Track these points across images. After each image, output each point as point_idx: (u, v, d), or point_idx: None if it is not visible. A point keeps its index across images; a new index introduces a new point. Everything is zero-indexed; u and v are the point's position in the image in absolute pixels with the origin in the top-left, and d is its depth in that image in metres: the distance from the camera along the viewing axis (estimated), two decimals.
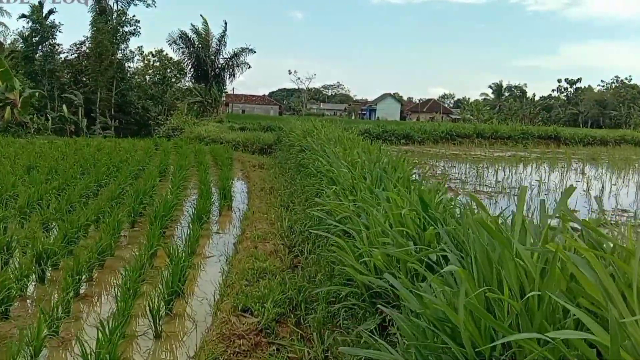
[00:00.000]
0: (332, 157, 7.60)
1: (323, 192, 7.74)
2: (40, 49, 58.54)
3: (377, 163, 6.10)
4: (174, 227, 10.94)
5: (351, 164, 7.23)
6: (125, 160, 17.59)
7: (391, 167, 5.89)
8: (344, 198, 5.36)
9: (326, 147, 9.54)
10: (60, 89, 58.63)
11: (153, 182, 13.62)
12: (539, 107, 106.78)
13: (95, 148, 21.43)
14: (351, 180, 5.67)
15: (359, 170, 6.35)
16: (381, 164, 6.31)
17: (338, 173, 6.60)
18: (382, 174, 5.56)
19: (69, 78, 60.54)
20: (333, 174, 6.94)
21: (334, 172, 6.97)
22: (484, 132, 30.71)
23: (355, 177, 5.78)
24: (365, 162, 6.69)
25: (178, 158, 19.71)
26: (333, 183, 6.66)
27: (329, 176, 7.24)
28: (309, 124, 15.50)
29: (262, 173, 17.24)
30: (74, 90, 56.43)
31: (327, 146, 9.52)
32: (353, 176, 5.89)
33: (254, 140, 25.12)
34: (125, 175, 14.55)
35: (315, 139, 12.04)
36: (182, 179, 14.28)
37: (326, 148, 9.50)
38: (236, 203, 13.45)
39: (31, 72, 57.02)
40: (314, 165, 9.54)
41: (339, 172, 6.60)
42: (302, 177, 12.19)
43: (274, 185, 14.11)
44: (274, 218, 10.03)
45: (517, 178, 15.97)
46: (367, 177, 5.72)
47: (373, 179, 5.62)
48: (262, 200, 12.20)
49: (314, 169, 9.35)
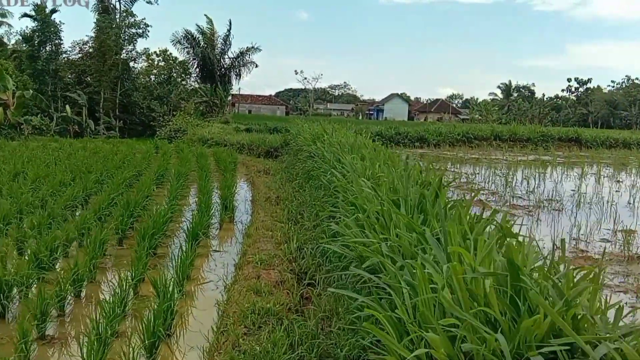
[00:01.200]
0: (350, 171, 6.34)
1: (338, 211, 6.49)
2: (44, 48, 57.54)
3: (409, 181, 4.84)
4: (168, 245, 9.72)
5: (374, 180, 5.99)
6: (120, 166, 16.40)
7: (431, 190, 4.60)
8: (371, 231, 4.14)
9: (341, 156, 8.31)
10: (63, 89, 57.67)
11: (148, 191, 12.42)
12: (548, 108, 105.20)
13: (91, 151, 20.28)
14: (380, 208, 4.40)
15: (385, 191, 5.08)
16: (415, 183, 5.02)
17: (358, 193, 5.35)
18: (422, 200, 4.32)
19: (72, 78, 59.49)
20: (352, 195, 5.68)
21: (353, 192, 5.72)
22: (502, 134, 29.23)
23: (383, 200, 4.52)
24: (394, 181, 5.41)
25: (178, 163, 18.52)
26: (353, 207, 5.41)
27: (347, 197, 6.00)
28: (317, 127, 14.25)
29: (267, 179, 16.01)
30: (78, 90, 55.45)
31: (342, 155, 8.28)
32: (381, 200, 4.62)
33: (259, 142, 23.84)
34: (118, 182, 13.35)
35: (326, 145, 10.81)
36: (180, 187, 13.08)
37: (341, 157, 8.26)
38: (239, 214, 12.23)
39: (34, 71, 56.05)
40: (326, 178, 8.30)
41: (359, 192, 5.35)
42: (311, 187, 10.95)
43: (280, 195, 12.87)
44: (280, 237, 8.79)
45: (549, 187, 14.62)
46: (402, 204, 4.46)
47: (409, 206, 4.36)
48: (267, 213, 10.96)
49: (326, 182, 8.11)
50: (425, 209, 4.19)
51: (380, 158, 6.75)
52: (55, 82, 57.04)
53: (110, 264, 8.64)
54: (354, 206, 5.34)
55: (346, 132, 13.66)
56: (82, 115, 51.88)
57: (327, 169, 8.79)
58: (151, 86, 63.26)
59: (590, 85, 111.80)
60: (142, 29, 58.21)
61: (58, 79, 57.49)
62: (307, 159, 12.97)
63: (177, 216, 11.89)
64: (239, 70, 63.00)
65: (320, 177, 8.79)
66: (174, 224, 11.16)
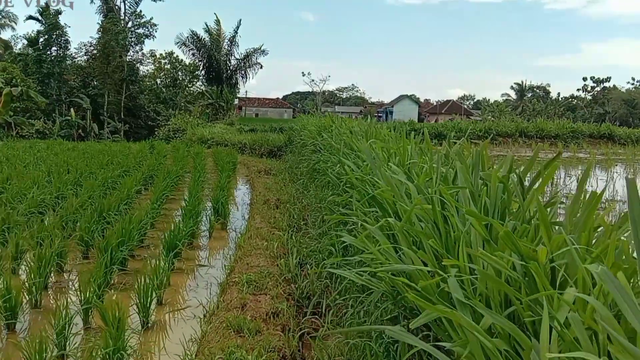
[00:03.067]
0: (368, 160, 4.59)
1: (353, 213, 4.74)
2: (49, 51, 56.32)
3: (477, 169, 2.99)
4: (146, 258, 8.02)
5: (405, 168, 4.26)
6: (106, 165, 14.73)
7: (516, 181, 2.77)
8: (413, 249, 2.44)
9: (353, 144, 6.57)
10: (69, 92, 56.42)
11: (129, 193, 10.72)
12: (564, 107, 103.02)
13: (80, 152, 18.66)
14: (433, 209, 2.58)
15: (435, 182, 3.27)
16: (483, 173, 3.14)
17: (387, 186, 3.54)
18: (504, 198, 2.54)
19: (78, 81, 58.20)
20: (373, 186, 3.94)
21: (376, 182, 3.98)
22: (528, 130, 27.32)
23: (436, 195, 2.72)
24: (439, 169, 3.59)
25: (173, 162, 16.84)
26: (376, 207, 3.67)
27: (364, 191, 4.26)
28: (325, 120, 12.53)
29: (268, 180, 14.29)
30: (82, 94, 54.17)
31: (354, 143, 6.54)
32: (430, 195, 2.80)
33: (261, 142, 22.13)
34: (98, 183, 11.69)
35: (334, 135, 9.07)
36: (169, 189, 11.38)
37: (353, 144, 6.53)
38: (234, 220, 10.52)
39: (40, 75, 54.83)
40: (334, 171, 6.56)
41: (388, 184, 3.54)
42: (317, 187, 9.22)
43: (281, 197, 11.14)
44: (277, 249, 7.04)
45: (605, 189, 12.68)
46: (465, 202, 2.69)
47: (481, 207, 2.57)
48: (265, 218, 9.22)
49: (334, 177, 6.36)
50: (518, 213, 2.45)
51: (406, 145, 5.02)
52: (60, 86, 55.86)
53: (66, 283, 6.95)
54: (378, 206, 3.62)
55: (357, 122, 11.95)
56: (87, 119, 50.61)
57: (335, 161, 7.06)
58: (157, 89, 61.96)
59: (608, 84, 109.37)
60: (149, 30, 56.98)
61: (63, 82, 56.29)
62: (311, 154, 11.25)
63: (161, 222, 10.21)
64: (245, 72, 61.71)
65: (327, 172, 7.07)
66: (157, 232, 9.47)
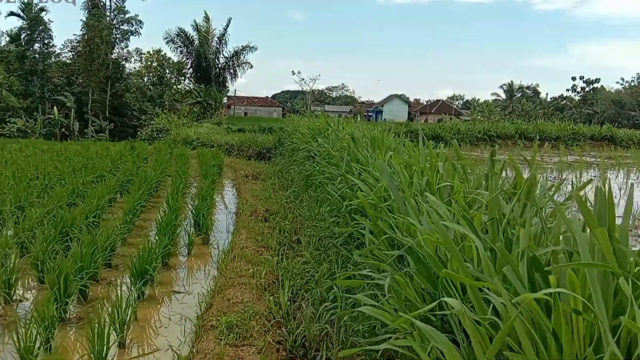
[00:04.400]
0: (388, 183, 3.43)
1: (367, 262, 3.62)
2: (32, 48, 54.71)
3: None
4: (109, 283, 6.86)
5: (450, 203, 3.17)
6: (79, 170, 13.49)
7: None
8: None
9: (359, 155, 5.41)
10: (52, 90, 54.82)
11: (98, 203, 9.51)
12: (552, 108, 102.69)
13: (55, 153, 17.37)
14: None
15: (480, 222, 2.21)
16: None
17: (429, 233, 2.36)
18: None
19: (62, 79, 56.60)
20: (405, 231, 2.81)
21: (408, 222, 2.86)
22: (528, 132, 26.37)
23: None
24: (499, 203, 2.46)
25: (153, 166, 15.62)
26: (422, 267, 2.48)
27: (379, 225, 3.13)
28: (319, 121, 11.34)
29: (256, 186, 13.12)
30: (66, 92, 52.58)
31: (359, 151, 5.38)
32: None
33: (250, 143, 20.90)
34: (66, 192, 10.47)
35: (332, 141, 7.94)
36: (142, 198, 10.19)
37: (360, 156, 5.37)
38: (218, 233, 9.36)
39: (23, 72, 53.19)
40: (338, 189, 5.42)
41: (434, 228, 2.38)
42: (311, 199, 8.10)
43: (270, 207, 9.98)
44: (265, 276, 5.90)
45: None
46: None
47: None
48: (252, 234, 8.08)
49: (336, 196, 5.23)
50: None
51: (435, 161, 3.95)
52: (44, 83, 54.25)
53: (9, 318, 5.77)
54: (415, 261, 2.50)
55: (357, 124, 10.80)
56: (70, 117, 49.07)
57: (335, 173, 5.94)
58: (144, 87, 60.48)
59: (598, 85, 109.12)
60: (134, 26, 55.64)
61: (47, 80, 54.70)
62: (305, 160, 10.11)
63: (135, 236, 9.04)
64: (234, 71, 60.49)
65: (326, 186, 5.95)
66: (129, 248, 8.31)
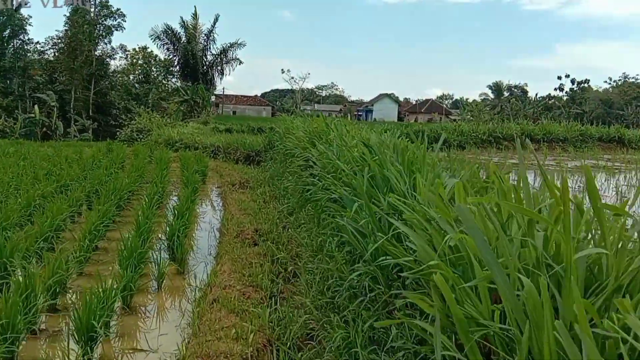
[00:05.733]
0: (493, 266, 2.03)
1: None
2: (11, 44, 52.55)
3: None
4: (51, 336, 5.26)
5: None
6: (42, 178, 11.79)
7: None
8: None
9: (389, 171, 3.81)
10: (34, 88, 52.72)
11: (52, 223, 7.86)
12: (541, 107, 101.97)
13: (19, 157, 15.64)
14: None
15: None
16: None
17: None
18: None
19: (43, 77, 54.48)
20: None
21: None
22: (534, 133, 24.77)
23: None
24: None
25: (129, 172, 13.95)
26: None
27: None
28: (317, 122, 9.70)
29: (244, 196, 11.49)
30: (47, 90, 50.53)
31: (392, 173, 3.82)
32: None
33: (237, 144, 19.17)
34: (17, 208, 8.81)
35: (336, 148, 6.36)
36: (106, 216, 8.54)
37: (391, 179, 3.78)
38: (197, 258, 7.77)
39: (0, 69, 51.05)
40: (354, 224, 3.87)
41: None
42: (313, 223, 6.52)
43: (260, 225, 8.36)
44: (252, 341, 4.31)
45: None
46: None
47: None
48: (237, 266, 6.47)
49: (365, 253, 3.69)
50: None
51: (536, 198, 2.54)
52: (24, 81, 52.17)
53: None
54: None
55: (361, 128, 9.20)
56: (52, 116, 47.06)
57: (347, 197, 4.36)
58: (129, 85, 58.55)
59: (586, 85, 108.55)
60: (117, 20, 53.75)
61: (27, 77, 52.60)
62: (301, 170, 8.51)
63: (93, 264, 7.41)
64: (222, 68, 58.79)
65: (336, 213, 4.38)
66: (85, 280, 6.70)
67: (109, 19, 53.91)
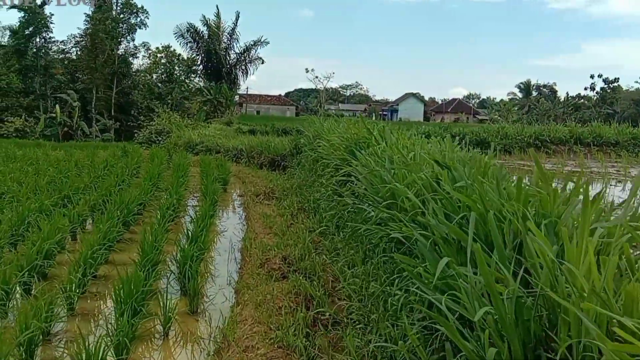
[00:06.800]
0: None
1: None
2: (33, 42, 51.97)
3: None
4: None
5: None
6: (44, 187, 10.58)
7: None
8: None
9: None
10: (55, 87, 52.21)
11: (41, 247, 6.59)
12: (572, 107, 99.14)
13: (26, 162, 14.53)
14: None
15: None
16: None
17: None
18: None
19: (66, 76, 53.97)
20: None
21: None
22: (583, 136, 22.55)
23: None
24: None
25: (142, 180, 12.71)
26: None
27: None
28: (356, 127, 8.21)
29: (269, 210, 10.13)
30: (69, 90, 49.93)
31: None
32: None
33: (261, 148, 17.79)
34: (11, 222, 7.61)
35: (388, 164, 4.93)
36: (107, 237, 7.25)
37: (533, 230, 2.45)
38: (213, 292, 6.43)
39: (23, 68, 50.57)
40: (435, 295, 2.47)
41: None
42: (360, 256, 5.13)
43: (288, 252, 6.95)
44: None
45: None
46: None
47: None
48: (261, 312, 5.09)
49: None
50: None
51: None
52: (46, 80, 51.66)
53: None
54: None
55: (413, 134, 7.74)
56: (74, 116, 46.40)
57: (428, 249, 2.96)
58: (152, 84, 57.78)
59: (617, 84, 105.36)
60: (140, 17, 53.00)
61: (49, 76, 52.06)
62: (339, 183, 7.11)
63: (88, 299, 6.14)
64: (246, 67, 57.75)
65: (411, 273, 3.00)
66: (78, 323, 5.44)
67: (132, 16, 53.23)
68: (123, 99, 53.49)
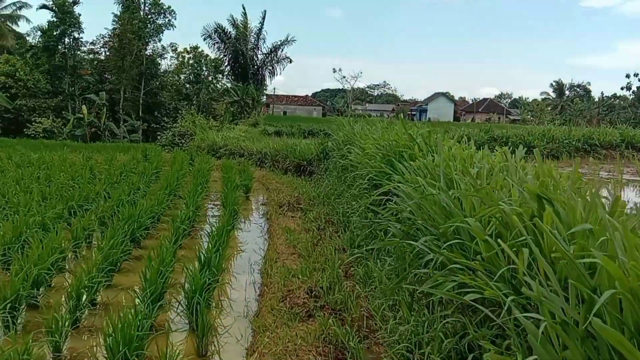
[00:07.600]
0: None
1: None
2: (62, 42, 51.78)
3: None
4: None
5: None
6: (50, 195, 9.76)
7: None
8: None
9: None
10: (84, 88, 52.08)
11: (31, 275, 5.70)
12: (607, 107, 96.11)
13: (38, 167, 13.81)
14: None
15: None
16: None
17: None
18: None
19: (94, 76, 53.84)
20: None
21: None
22: (635, 140, 20.94)
23: None
24: None
25: (160, 186, 11.84)
26: None
27: None
28: (395, 134, 7.13)
29: (294, 224, 9.13)
30: (97, 90, 49.79)
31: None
32: None
33: (287, 152, 16.73)
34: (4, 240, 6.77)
35: (444, 184, 3.88)
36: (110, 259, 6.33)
37: None
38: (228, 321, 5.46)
39: (52, 68, 50.48)
40: None
41: None
42: (404, 299, 4.09)
43: (315, 282, 5.92)
44: None
45: None
46: None
47: None
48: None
49: None
50: None
51: None
52: (74, 81, 51.55)
53: None
54: None
55: (459, 140, 6.70)
56: (102, 116, 46.11)
57: (540, 347, 1.92)
58: (180, 85, 57.38)
59: None
60: (168, 18, 52.59)
61: (77, 76, 51.94)
62: (376, 205, 6.05)
63: (79, 338, 5.22)
64: (273, 67, 57.10)
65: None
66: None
67: (160, 17, 52.91)
68: (151, 100, 53.20)
